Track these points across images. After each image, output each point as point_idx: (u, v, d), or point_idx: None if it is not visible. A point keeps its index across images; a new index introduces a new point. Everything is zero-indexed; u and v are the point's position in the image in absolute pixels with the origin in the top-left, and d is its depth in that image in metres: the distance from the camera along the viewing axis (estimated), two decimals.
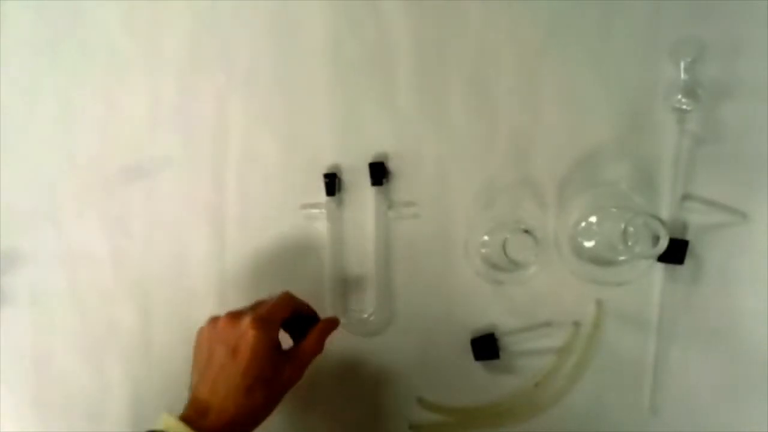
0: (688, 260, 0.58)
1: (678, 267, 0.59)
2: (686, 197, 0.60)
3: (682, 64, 0.60)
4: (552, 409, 0.60)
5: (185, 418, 0.49)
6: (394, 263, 0.62)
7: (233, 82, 0.65)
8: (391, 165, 0.63)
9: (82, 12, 0.67)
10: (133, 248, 0.65)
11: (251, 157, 0.64)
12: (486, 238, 0.59)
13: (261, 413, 0.51)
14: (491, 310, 0.61)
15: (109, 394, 0.64)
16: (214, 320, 0.54)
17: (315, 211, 0.63)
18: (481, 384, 0.61)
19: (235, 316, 0.52)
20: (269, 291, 0.62)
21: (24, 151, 0.66)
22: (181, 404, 0.63)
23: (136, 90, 0.66)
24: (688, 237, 0.59)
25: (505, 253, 0.54)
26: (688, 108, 0.59)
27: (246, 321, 0.51)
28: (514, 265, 0.58)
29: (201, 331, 0.54)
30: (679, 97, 0.59)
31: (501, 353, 0.60)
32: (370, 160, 0.63)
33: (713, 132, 0.60)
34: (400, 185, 0.63)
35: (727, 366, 0.59)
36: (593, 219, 0.58)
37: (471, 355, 0.60)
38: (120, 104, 0.66)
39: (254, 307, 0.54)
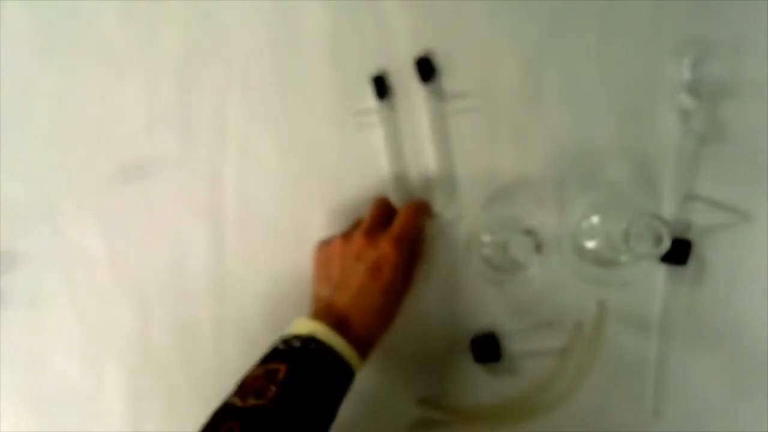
0: (690, 260, 0.58)
1: (680, 267, 0.59)
2: (689, 197, 0.60)
3: (685, 64, 0.60)
4: (554, 410, 0.59)
5: (329, 326, 0.52)
6: (455, 159, 0.62)
7: (232, 81, 0.65)
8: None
9: (79, 11, 0.67)
10: (131, 248, 0.65)
11: (250, 157, 0.64)
12: (487, 238, 0.59)
13: (390, 325, 0.57)
14: (492, 311, 0.61)
15: (108, 394, 0.64)
16: (345, 237, 0.57)
17: (367, 118, 0.62)
18: (482, 384, 0.61)
19: (370, 235, 0.56)
20: (269, 292, 0.63)
21: (21, 151, 0.66)
22: (180, 405, 0.63)
23: (133, 89, 0.66)
24: (691, 237, 0.59)
25: (506, 254, 0.54)
26: (691, 107, 0.59)
27: (386, 242, 0.55)
28: (515, 266, 0.58)
29: (328, 246, 0.58)
30: (682, 96, 0.59)
31: (502, 355, 0.60)
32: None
33: (716, 131, 0.60)
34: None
35: (730, 367, 0.59)
36: (595, 219, 0.57)
37: (472, 357, 0.60)
38: (118, 104, 0.66)
39: (368, 227, 0.56)
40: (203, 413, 0.48)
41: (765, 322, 0.59)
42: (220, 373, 0.62)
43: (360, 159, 0.63)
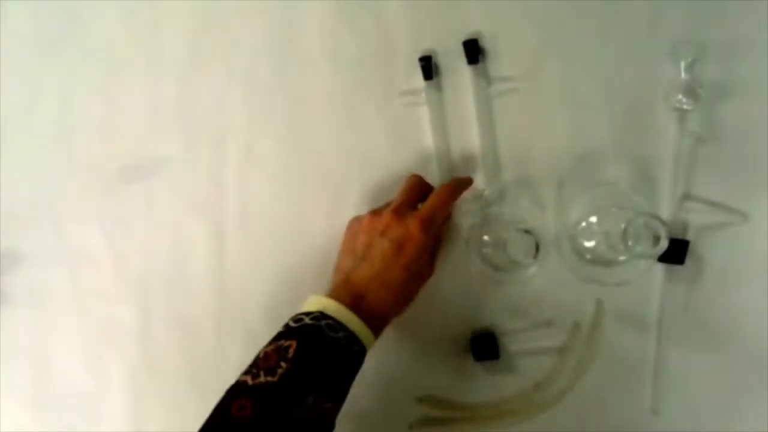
0: (688, 260, 0.58)
1: (678, 267, 0.59)
2: (686, 197, 0.60)
3: (683, 64, 0.60)
4: (552, 409, 0.60)
5: (343, 302, 0.52)
6: (499, 140, 0.62)
7: (233, 82, 0.65)
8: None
9: (82, 12, 0.67)
10: (132, 248, 0.65)
11: (251, 157, 0.64)
12: (486, 238, 0.59)
13: (406, 305, 0.57)
14: (491, 310, 0.61)
15: (110, 392, 0.64)
16: (375, 213, 0.57)
17: (414, 97, 0.62)
18: (481, 384, 0.61)
19: (399, 213, 0.56)
20: (270, 291, 0.63)
21: (24, 151, 0.66)
22: (179, 406, 0.63)
23: (136, 90, 0.66)
24: (688, 237, 0.59)
25: (505, 254, 0.54)
26: (689, 108, 0.59)
27: (413, 222, 0.55)
28: (515, 265, 0.58)
29: (357, 222, 0.58)
30: (680, 96, 0.59)
31: (501, 353, 0.60)
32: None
33: (713, 132, 0.60)
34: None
35: (727, 366, 0.59)
36: (593, 219, 0.58)
37: (471, 355, 0.60)
38: (120, 104, 0.66)
39: (398, 206, 0.56)
40: (204, 412, 0.48)
41: (762, 321, 0.59)
42: (220, 373, 0.62)
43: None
